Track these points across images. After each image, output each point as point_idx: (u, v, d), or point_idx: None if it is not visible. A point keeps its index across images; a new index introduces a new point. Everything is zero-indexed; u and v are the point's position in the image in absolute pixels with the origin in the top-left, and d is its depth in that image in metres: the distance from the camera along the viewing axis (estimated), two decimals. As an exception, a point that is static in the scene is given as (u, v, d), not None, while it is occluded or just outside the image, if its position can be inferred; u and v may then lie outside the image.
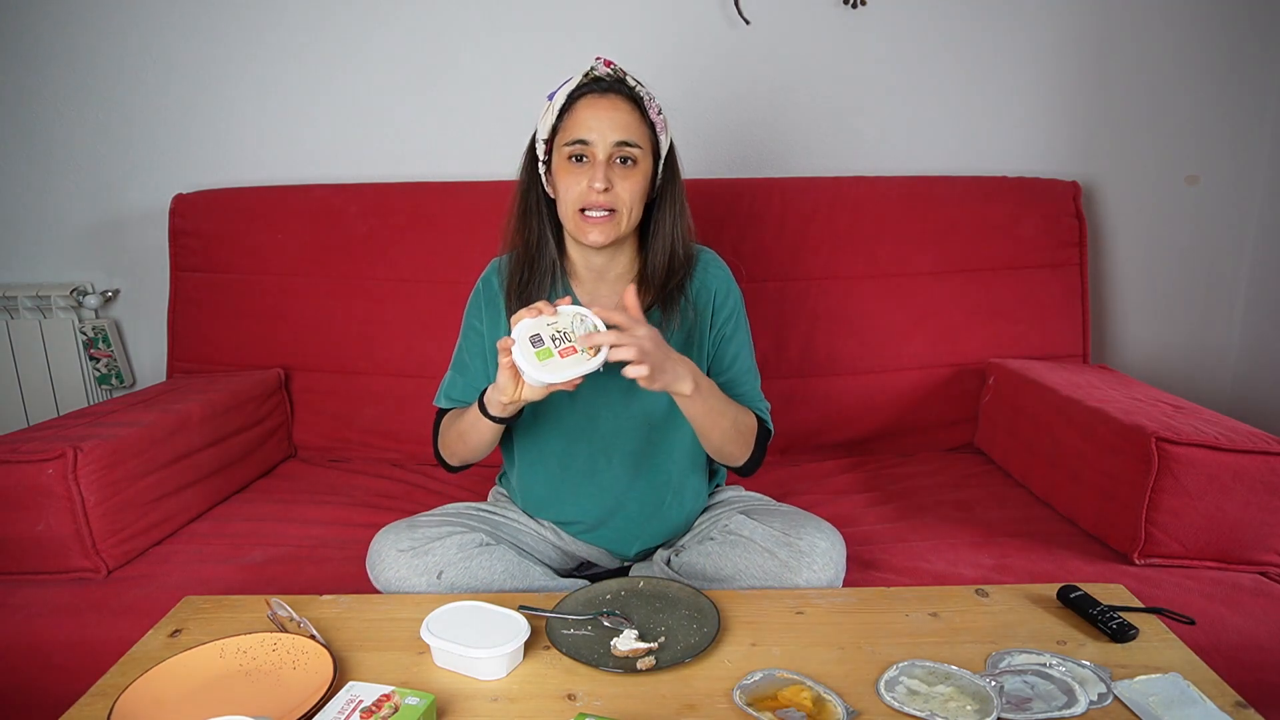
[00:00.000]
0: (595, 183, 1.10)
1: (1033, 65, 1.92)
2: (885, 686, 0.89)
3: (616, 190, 1.12)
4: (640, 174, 1.14)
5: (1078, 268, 1.84)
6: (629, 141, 1.11)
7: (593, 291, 1.24)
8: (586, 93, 1.13)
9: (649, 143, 1.14)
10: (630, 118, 1.12)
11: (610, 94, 1.12)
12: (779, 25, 1.91)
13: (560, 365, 1.00)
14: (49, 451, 1.27)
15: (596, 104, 1.12)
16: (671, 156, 1.19)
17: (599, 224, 1.13)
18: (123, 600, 1.26)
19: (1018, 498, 1.55)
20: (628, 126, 1.12)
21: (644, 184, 1.15)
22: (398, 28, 1.93)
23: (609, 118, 1.11)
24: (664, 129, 1.16)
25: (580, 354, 1.01)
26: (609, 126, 1.11)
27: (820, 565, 1.13)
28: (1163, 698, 0.86)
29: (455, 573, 1.14)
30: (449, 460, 1.27)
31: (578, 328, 1.02)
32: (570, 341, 1.01)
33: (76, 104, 1.99)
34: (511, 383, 1.05)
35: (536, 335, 1.02)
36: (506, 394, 1.06)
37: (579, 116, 1.12)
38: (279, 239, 1.86)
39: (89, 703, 0.89)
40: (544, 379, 1.00)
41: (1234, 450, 1.22)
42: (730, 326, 1.26)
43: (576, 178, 1.12)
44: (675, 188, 1.20)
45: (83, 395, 2.08)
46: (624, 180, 1.12)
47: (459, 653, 0.92)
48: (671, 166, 1.20)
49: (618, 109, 1.12)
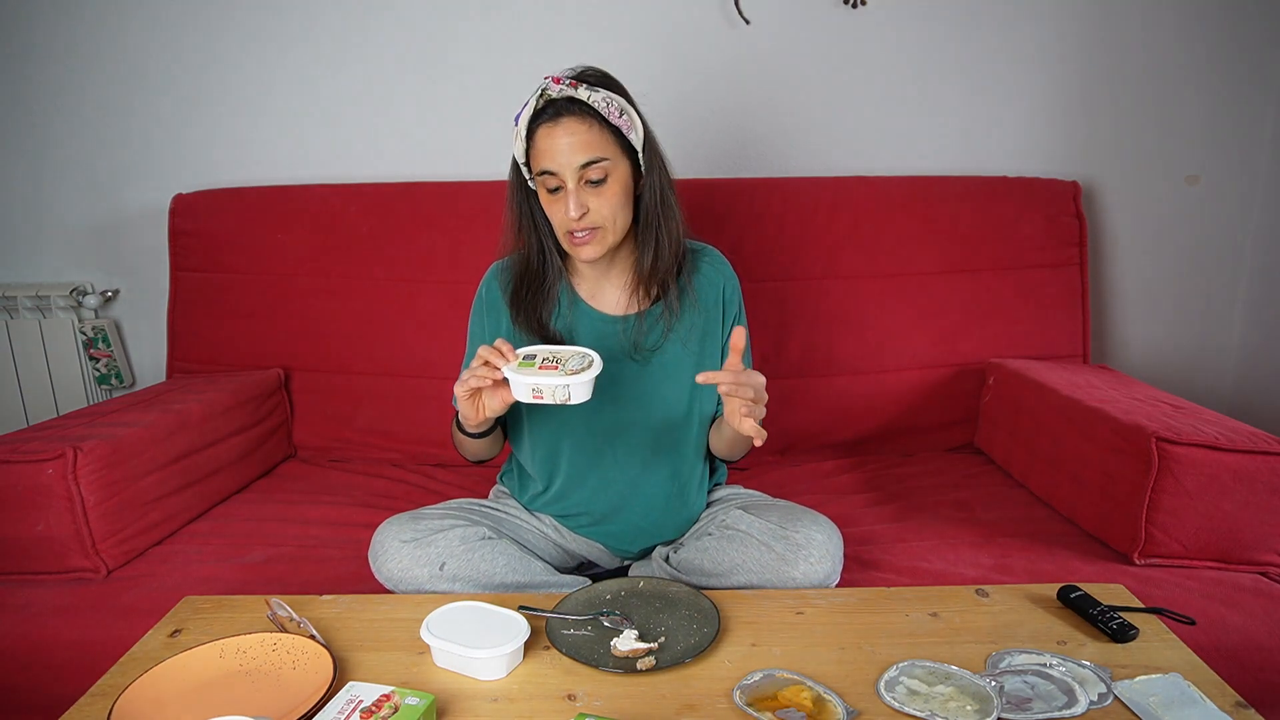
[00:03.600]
0: (570, 212, 1.11)
1: (1033, 65, 1.92)
2: (885, 686, 0.89)
3: (592, 211, 1.12)
4: (615, 183, 1.13)
5: (1078, 268, 1.84)
6: (593, 160, 1.10)
7: (596, 288, 1.25)
8: (543, 120, 1.11)
9: (616, 148, 1.13)
10: (590, 135, 1.10)
11: (563, 117, 1.10)
12: (779, 25, 1.91)
13: (532, 371, 1.04)
14: (49, 451, 1.27)
15: (553, 132, 1.10)
16: (650, 148, 1.17)
17: (586, 242, 1.14)
18: (122, 600, 1.26)
19: (1018, 498, 1.55)
20: (587, 145, 1.10)
21: (620, 193, 1.14)
22: (398, 27, 1.93)
23: (568, 144, 1.10)
24: (631, 127, 1.13)
25: (559, 372, 1.04)
26: (569, 153, 1.10)
27: (817, 558, 1.13)
28: (1163, 698, 0.86)
29: (457, 564, 1.14)
30: (466, 458, 1.30)
31: (574, 361, 1.06)
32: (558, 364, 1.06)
33: (76, 104, 1.99)
34: (471, 408, 1.11)
35: (531, 354, 1.08)
36: (469, 422, 1.14)
37: (539, 147, 1.12)
38: (279, 239, 1.86)
39: (89, 703, 0.89)
40: (511, 375, 1.04)
41: (1234, 450, 1.22)
42: (737, 322, 1.28)
43: (556, 206, 1.14)
44: (655, 179, 1.18)
45: (83, 395, 2.08)
46: (598, 198, 1.12)
47: (459, 653, 0.92)
48: (650, 158, 1.17)
49: (574, 132, 1.10)
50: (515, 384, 1.05)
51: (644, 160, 1.16)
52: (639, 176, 1.17)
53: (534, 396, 1.05)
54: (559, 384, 1.03)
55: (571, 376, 1.03)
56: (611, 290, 1.25)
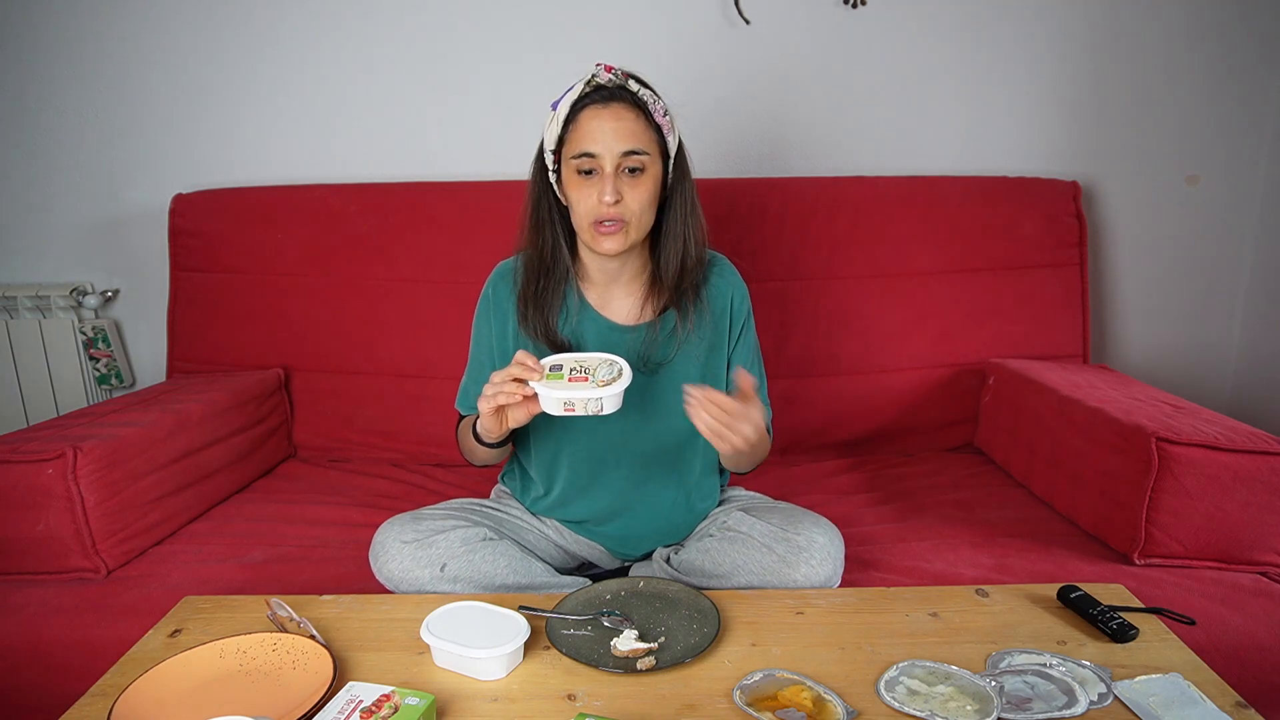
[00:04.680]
0: (605, 196, 1.09)
1: (1033, 65, 1.92)
2: (885, 686, 0.89)
3: (626, 201, 1.11)
4: (649, 180, 1.13)
5: (1078, 268, 1.84)
6: (636, 150, 1.10)
7: (605, 295, 1.24)
8: (590, 103, 1.11)
9: (656, 147, 1.13)
10: (636, 125, 1.10)
11: (613, 103, 1.10)
12: (779, 25, 1.91)
13: (563, 385, 1.02)
14: (49, 451, 1.27)
15: (600, 114, 1.10)
16: (680, 156, 1.18)
17: (611, 234, 1.12)
18: (123, 600, 1.26)
19: (1018, 498, 1.55)
20: (633, 135, 1.10)
21: (653, 190, 1.13)
22: (398, 27, 1.93)
23: (614, 128, 1.09)
24: (670, 129, 1.14)
25: (590, 383, 1.02)
26: (614, 137, 1.09)
27: (818, 560, 1.13)
28: (1163, 698, 0.86)
29: (458, 565, 1.14)
30: (470, 462, 1.29)
31: (604, 370, 1.04)
32: (587, 374, 1.03)
33: (77, 104, 1.99)
34: (495, 421, 1.09)
35: (558, 364, 1.06)
36: (490, 435, 1.12)
37: (584, 128, 1.11)
38: (279, 239, 1.86)
39: (89, 703, 0.89)
40: (541, 390, 1.02)
41: (1234, 450, 1.22)
42: (743, 326, 1.28)
43: (586, 191, 1.12)
44: (685, 187, 1.18)
45: (83, 395, 2.08)
46: (633, 190, 1.11)
47: (459, 653, 0.92)
48: (680, 166, 1.18)
49: (622, 118, 1.10)
50: (545, 398, 1.03)
51: (675, 166, 1.16)
52: (665, 183, 1.17)
53: (565, 410, 1.03)
54: (592, 397, 1.01)
55: (604, 389, 1.01)
56: (621, 298, 1.24)
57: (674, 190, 1.18)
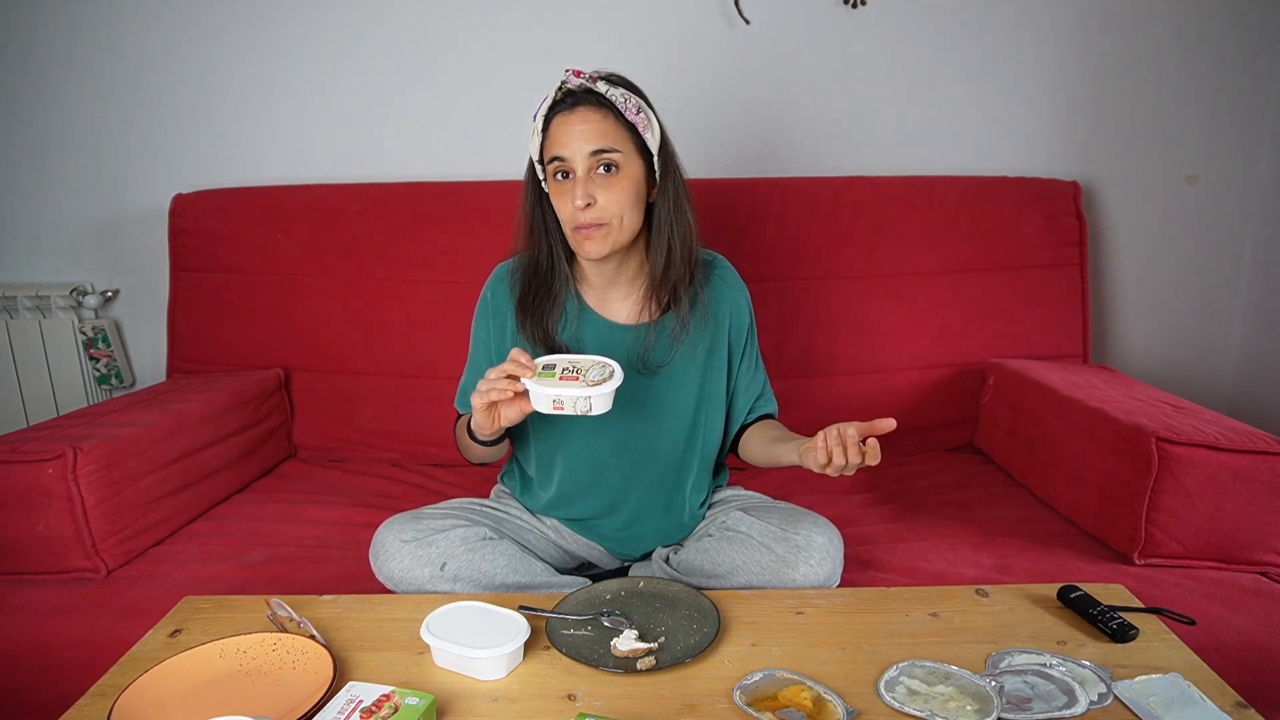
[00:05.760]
0: (576, 200, 1.10)
1: (1033, 65, 1.92)
2: (885, 686, 0.89)
3: (602, 203, 1.11)
4: (625, 179, 1.12)
5: (1078, 268, 1.84)
6: (604, 149, 1.10)
7: (604, 297, 1.24)
8: (560, 109, 1.12)
9: (630, 144, 1.13)
10: (604, 125, 1.11)
11: (580, 106, 1.11)
12: (779, 25, 1.91)
13: (553, 382, 1.03)
14: (49, 451, 1.27)
15: (568, 119, 1.11)
16: (665, 152, 1.17)
17: (590, 237, 1.13)
18: (123, 600, 1.26)
19: (1018, 498, 1.55)
20: (601, 134, 1.10)
21: (632, 188, 1.13)
22: (397, 27, 1.93)
23: (580, 130, 1.10)
24: (647, 127, 1.14)
25: (580, 383, 1.02)
26: (581, 139, 1.10)
27: (817, 560, 1.13)
28: (1163, 698, 0.86)
29: (458, 565, 1.14)
30: (468, 460, 1.29)
31: (595, 371, 1.05)
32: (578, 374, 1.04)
33: (76, 104, 1.99)
34: (487, 418, 1.09)
35: (551, 364, 1.06)
36: (483, 431, 1.11)
37: (554, 134, 1.12)
38: (279, 239, 1.86)
39: (89, 703, 0.89)
40: (532, 387, 1.03)
41: (1234, 450, 1.22)
42: (748, 334, 1.28)
43: (565, 197, 1.13)
44: (670, 184, 1.17)
45: (83, 395, 2.08)
46: (608, 190, 1.11)
47: (459, 653, 0.92)
48: (666, 163, 1.17)
49: (588, 120, 1.10)
50: (536, 395, 1.04)
51: (659, 164, 1.16)
52: (652, 182, 1.17)
53: (555, 408, 1.03)
54: (580, 396, 1.02)
55: (593, 388, 1.02)
56: (620, 299, 1.24)
57: (660, 186, 1.17)
